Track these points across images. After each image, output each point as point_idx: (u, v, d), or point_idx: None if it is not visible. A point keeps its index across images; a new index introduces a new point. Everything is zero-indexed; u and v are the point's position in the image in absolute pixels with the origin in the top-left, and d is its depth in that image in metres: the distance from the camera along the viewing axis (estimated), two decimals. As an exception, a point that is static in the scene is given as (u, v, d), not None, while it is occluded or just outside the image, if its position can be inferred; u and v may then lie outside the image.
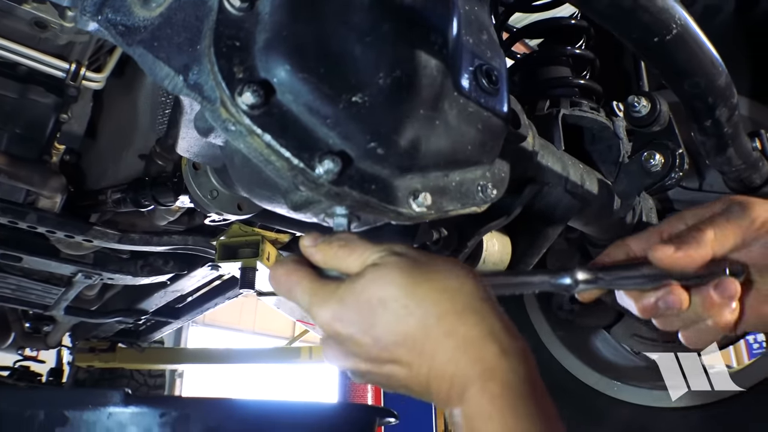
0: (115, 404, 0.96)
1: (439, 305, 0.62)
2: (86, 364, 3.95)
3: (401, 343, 0.62)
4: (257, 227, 2.37)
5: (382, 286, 0.63)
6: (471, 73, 0.83)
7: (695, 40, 0.80)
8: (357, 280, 0.65)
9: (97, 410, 0.95)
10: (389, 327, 0.62)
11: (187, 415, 0.98)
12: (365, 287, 0.64)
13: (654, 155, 1.27)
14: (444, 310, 0.62)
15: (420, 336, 0.61)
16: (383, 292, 0.63)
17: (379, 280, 0.63)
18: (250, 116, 0.63)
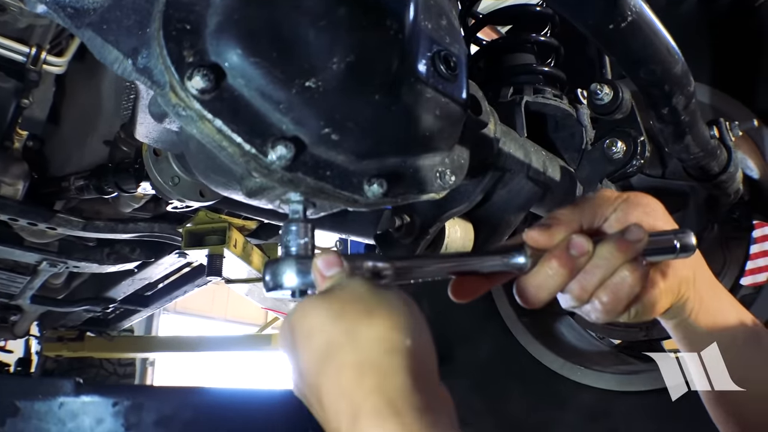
0: (67, 394, 0.95)
1: (341, 354, 0.59)
2: (55, 353, 3.91)
3: (312, 385, 0.62)
4: (224, 214, 2.36)
5: (311, 314, 0.63)
6: (429, 58, 0.83)
7: (650, 27, 0.81)
8: (308, 300, 0.65)
9: (48, 400, 0.93)
10: (305, 362, 0.62)
11: (141, 403, 0.97)
12: (304, 309, 0.64)
13: (616, 143, 1.28)
14: (345, 362, 0.59)
15: (328, 384, 0.59)
16: (312, 323, 0.62)
17: (311, 308, 0.63)
18: (200, 101, 0.62)
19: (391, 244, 1.20)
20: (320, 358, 0.60)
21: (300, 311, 0.64)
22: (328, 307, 0.62)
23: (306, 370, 0.62)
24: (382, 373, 0.57)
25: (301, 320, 0.63)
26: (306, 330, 0.62)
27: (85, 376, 4.08)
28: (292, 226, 0.74)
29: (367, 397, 0.56)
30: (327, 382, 0.59)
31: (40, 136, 1.91)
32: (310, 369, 0.61)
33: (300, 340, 0.62)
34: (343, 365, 0.58)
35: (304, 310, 0.63)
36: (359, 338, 0.59)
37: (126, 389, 2.46)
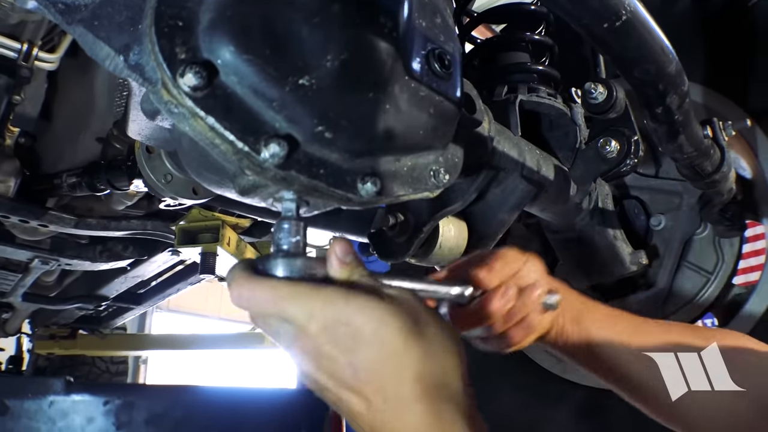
0: (57, 392, 0.94)
1: (426, 366, 0.63)
2: (46, 351, 3.89)
3: (373, 381, 0.62)
4: (217, 212, 2.35)
5: (382, 319, 0.62)
6: (423, 57, 0.83)
7: (645, 26, 0.81)
8: (355, 296, 0.64)
9: (38, 398, 0.92)
10: (370, 360, 0.62)
11: (132, 402, 0.96)
12: (364, 309, 0.63)
13: (610, 142, 1.28)
14: (428, 373, 0.62)
15: (393, 384, 0.62)
16: (381, 326, 0.62)
17: (378, 312, 0.63)
18: (192, 98, 0.62)
19: (384, 243, 1.20)
20: (400, 366, 0.62)
21: (372, 304, 0.63)
22: (406, 315, 0.64)
23: (372, 372, 0.62)
24: (458, 405, 0.63)
25: (373, 317, 0.63)
26: (382, 331, 0.62)
27: (77, 374, 4.06)
28: (285, 224, 0.73)
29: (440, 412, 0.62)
30: (405, 388, 0.62)
31: (31, 132, 1.90)
32: (380, 371, 0.62)
33: (368, 339, 0.62)
34: (426, 378, 0.62)
35: (378, 308, 0.63)
36: (439, 357, 0.64)
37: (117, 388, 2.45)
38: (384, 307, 0.63)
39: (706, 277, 1.68)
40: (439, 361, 0.64)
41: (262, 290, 0.65)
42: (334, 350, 0.63)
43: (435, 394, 0.62)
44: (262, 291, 0.65)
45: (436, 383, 0.63)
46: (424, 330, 0.64)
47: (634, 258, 1.54)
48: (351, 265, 0.68)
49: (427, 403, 0.61)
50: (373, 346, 0.62)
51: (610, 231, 1.50)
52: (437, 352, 0.64)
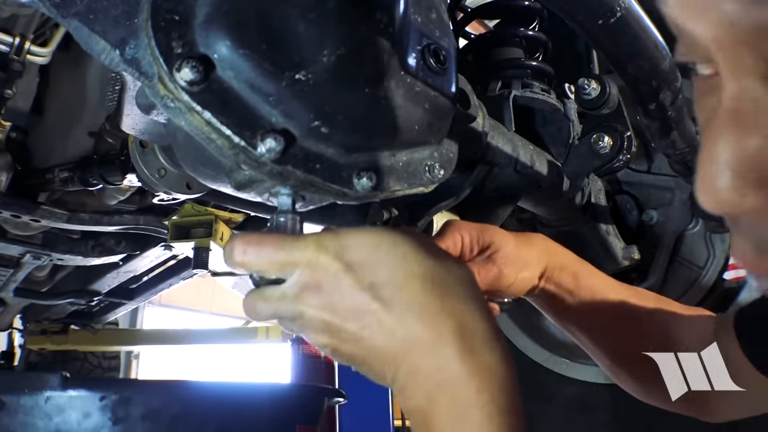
0: (53, 388, 0.94)
1: (450, 285, 0.64)
2: (38, 346, 3.87)
3: (397, 299, 0.62)
4: (210, 206, 2.34)
5: (395, 240, 0.64)
6: (418, 52, 0.83)
7: (639, 23, 0.81)
8: (361, 230, 0.66)
9: (34, 394, 0.92)
10: (392, 277, 0.62)
11: (128, 397, 0.96)
12: (377, 234, 0.65)
13: (603, 137, 1.29)
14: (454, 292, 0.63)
15: (422, 299, 0.62)
16: (396, 246, 0.64)
17: (394, 235, 0.65)
18: (189, 92, 0.62)
19: (379, 238, 1.20)
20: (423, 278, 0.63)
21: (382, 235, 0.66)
22: (417, 240, 0.65)
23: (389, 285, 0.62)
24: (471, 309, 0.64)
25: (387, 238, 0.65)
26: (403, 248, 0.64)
27: (69, 369, 4.05)
28: (281, 218, 0.74)
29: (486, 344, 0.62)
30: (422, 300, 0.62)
31: (23, 127, 1.89)
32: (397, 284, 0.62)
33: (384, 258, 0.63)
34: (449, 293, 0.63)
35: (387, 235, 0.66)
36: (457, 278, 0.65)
37: (113, 383, 2.44)
38: (394, 233, 0.66)
39: (697, 272, 1.69)
40: (462, 293, 0.64)
41: (271, 240, 0.66)
42: (350, 275, 0.62)
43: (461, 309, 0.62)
44: (271, 240, 0.66)
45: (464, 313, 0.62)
46: (441, 257, 0.65)
47: (626, 253, 1.55)
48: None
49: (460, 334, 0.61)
50: (392, 263, 0.63)
51: (603, 226, 1.51)
52: (457, 280, 0.65)
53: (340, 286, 0.63)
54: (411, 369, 0.60)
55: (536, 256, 0.94)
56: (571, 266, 0.97)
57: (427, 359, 0.60)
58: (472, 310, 0.63)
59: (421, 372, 0.60)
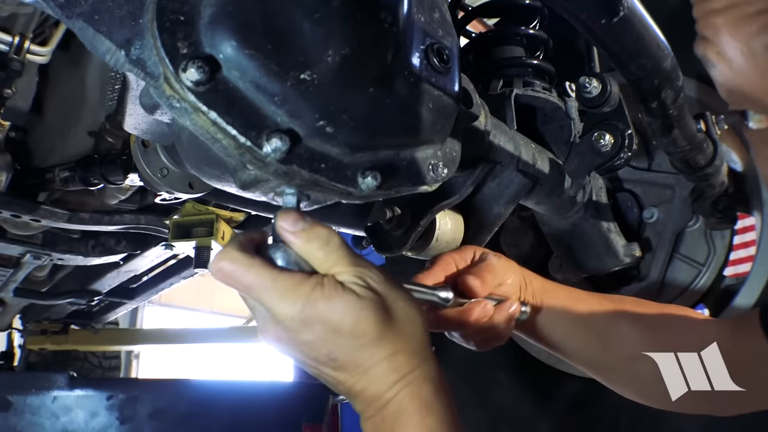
0: (60, 387, 0.94)
1: (397, 345, 0.72)
2: (38, 346, 3.86)
3: (350, 363, 0.70)
4: (211, 206, 2.34)
5: (357, 317, 0.69)
6: (422, 51, 0.83)
7: (642, 22, 0.81)
8: (335, 295, 0.69)
9: (42, 394, 0.92)
10: (348, 349, 0.70)
11: (135, 396, 0.97)
12: (344, 308, 0.69)
13: (604, 135, 1.29)
14: (399, 350, 0.72)
15: (370, 364, 0.70)
16: (357, 324, 0.69)
17: (356, 311, 0.69)
18: (194, 93, 0.62)
19: (382, 236, 1.20)
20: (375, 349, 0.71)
21: (346, 303, 0.69)
22: (374, 312, 0.70)
23: (350, 358, 0.70)
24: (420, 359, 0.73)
25: (349, 315, 0.69)
26: (357, 328, 0.69)
27: (69, 369, 4.04)
28: None
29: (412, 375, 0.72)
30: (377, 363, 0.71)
31: (23, 126, 1.89)
32: (356, 356, 0.70)
33: (345, 334, 0.69)
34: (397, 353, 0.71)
35: (352, 307, 0.69)
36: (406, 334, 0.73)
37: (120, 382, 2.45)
38: (360, 304, 0.70)
39: (697, 268, 1.70)
40: (408, 336, 0.73)
41: (249, 274, 0.68)
42: (312, 341, 0.69)
43: (406, 363, 0.71)
44: (249, 275, 0.68)
45: (406, 354, 0.72)
46: (395, 314, 0.72)
47: (627, 250, 1.55)
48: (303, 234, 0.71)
49: (400, 372, 0.71)
50: (351, 339, 0.69)
51: (604, 223, 1.51)
52: (406, 329, 0.73)
53: (299, 342, 0.70)
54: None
55: (515, 266, 1.05)
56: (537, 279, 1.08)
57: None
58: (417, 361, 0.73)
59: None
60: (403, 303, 0.74)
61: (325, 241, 0.71)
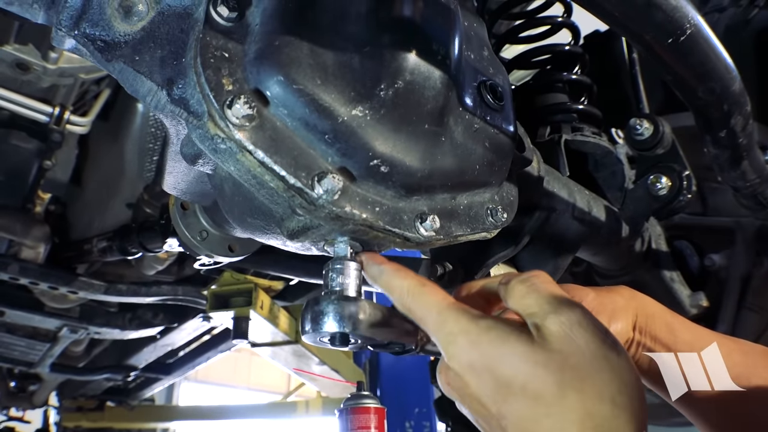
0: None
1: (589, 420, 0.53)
2: (74, 424, 3.82)
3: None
4: (250, 275, 2.30)
5: (533, 374, 0.55)
6: (475, 88, 0.78)
7: (708, 41, 0.76)
8: (508, 340, 0.57)
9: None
10: (521, 416, 0.55)
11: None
12: (514, 360, 0.56)
13: (660, 178, 1.23)
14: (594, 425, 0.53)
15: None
16: (533, 379, 0.55)
17: (532, 366, 0.55)
18: (240, 129, 0.57)
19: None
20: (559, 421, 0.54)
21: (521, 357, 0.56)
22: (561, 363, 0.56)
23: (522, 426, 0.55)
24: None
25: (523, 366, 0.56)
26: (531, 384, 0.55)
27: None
28: (338, 265, 0.68)
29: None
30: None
31: (62, 199, 1.89)
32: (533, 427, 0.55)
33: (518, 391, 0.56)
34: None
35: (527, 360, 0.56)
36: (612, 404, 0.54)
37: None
38: (537, 353, 0.56)
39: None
40: (609, 410, 0.54)
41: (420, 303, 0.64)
42: (481, 396, 0.58)
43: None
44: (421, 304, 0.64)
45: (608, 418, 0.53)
46: (590, 371, 0.55)
47: (693, 300, 1.45)
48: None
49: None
50: (524, 400, 0.55)
51: (667, 273, 1.42)
52: (606, 398, 0.54)
53: (468, 396, 0.60)
54: None
55: (623, 304, 0.84)
56: (663, 316, 0.85)
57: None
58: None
59: None
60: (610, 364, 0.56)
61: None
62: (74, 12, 0.61)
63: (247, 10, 0.64)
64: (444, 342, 0.60)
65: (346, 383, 3.49)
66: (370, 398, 1.67)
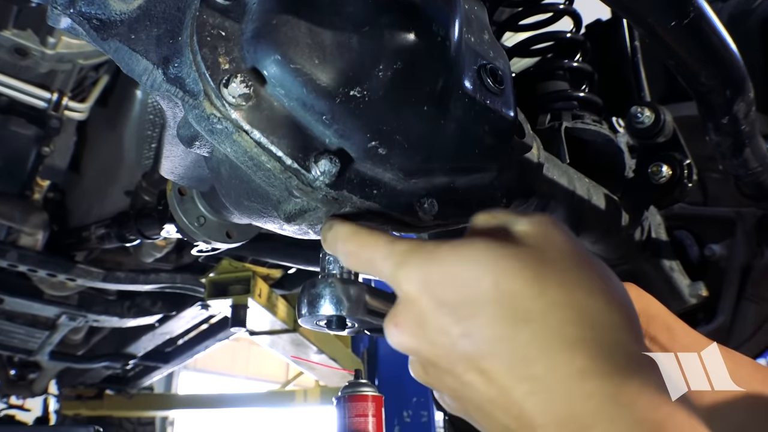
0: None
1: (578, 329, 0.43)
2: (73, 412, 3.83)
3: (500, 355, 0.44)
4: (248, 263, 2.30)
5: (503, 269, 0.45)
6: (475, 71, 0.77)
7: (711, 25, 0.75)
8: (470, 243, 0.48)
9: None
10: (493, 326, 0.45)
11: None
12: (480, 259, 0.46)
13: (661, 167, 1.22)
14: (582, 341, 0.43)
15: (534, 357, 0.43)
16: (503, 277, 0.45)
17: (501, 260, 0.46)
18: (237, 109, 0.57)
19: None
20: (540, 332, 0.43)
21: (486, 253, 0.47)
22: (537, 257, 0.47)
23: (498, 341, 0.44)
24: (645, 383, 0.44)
25: (491, 269, 0.46)
26: (505, 285, 0.45)
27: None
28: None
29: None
30: (554, 363, 0.43)
31: (60, 186, 1.89)
32: (511, 338, 0.44)
33: (488, 298, 0.45)
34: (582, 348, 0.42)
35: (495, 256, 0.47)
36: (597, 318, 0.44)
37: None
38: (507, 248, 0.47)
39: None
40: (604, 323, 0.44)
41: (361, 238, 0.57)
42: (442, 318, 0.47)
43: (601, 356, 0.42)
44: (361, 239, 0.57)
45: (599, 340, 0.43)
46: (571, 265, 0.47)
47: (692, 290, 1.44)
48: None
49: (595, 373, 0.42)
50: (495, 305, 0.45)
51: (666, 262, 1.41)
52: (596, 293, 0.45)
53: (428, 327, 0.49)
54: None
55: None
56: (665, 318, 0.81)
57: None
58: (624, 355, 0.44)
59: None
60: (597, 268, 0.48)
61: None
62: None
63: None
64: (393, 268, 0.51)
65: (344, 371, 3.50)
66: (368, 386, 1.67)
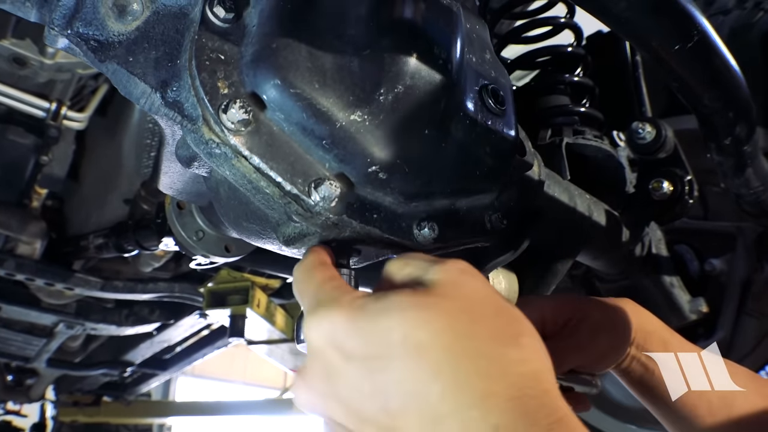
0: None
1: (489, 382, 0.43)
2: (70, 418, 3.81)
3: (411, 413, 0.43)
4: (247, 272, 2.29)
5: (412, 320, 0.45)
6: (476, 92, 0.77)
7: (715, 48, 0.75)
8: (381, 295, 0.48)
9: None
10: (403, 382, 0.44)
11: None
12: (390, 311, 0.46)
13: (662, 183, 1.22)
14: (494, 396, 0.42)
15: (445, 414, 0.42)
16: (415, 330, 0.44)
17: (410, 311, 0.45)
18: (236, 135, 0.56)
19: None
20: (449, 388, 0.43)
21: (396, 305, 0.46)
22: (447, 310, 0.46)
23: (408, 398, 0.43)
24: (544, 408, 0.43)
25: (401, 322, 0.45)
26: (414, 338, 0.44)
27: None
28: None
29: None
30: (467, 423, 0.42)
31: (59, 195, 1.88)
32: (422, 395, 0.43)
33: (398, 353, 0.44)
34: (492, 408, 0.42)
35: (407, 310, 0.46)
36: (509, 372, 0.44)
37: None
38: (418, 298, 0.46)
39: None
40: (516, 354, 0.45)
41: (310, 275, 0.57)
42: (351, 372, 0.46)
43: (513, 411, 0.42)
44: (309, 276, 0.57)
45: (511, 395, 0.43)
46: (483, 314, 0.46)
47: (693, 306, 1.44)
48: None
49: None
50: (405, 359, 0.44)
51: (666, 278, 1.41)
52: (508, 341, 0.45)
53: (336, 379, 0.47)
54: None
55: (626, 319, 0.82)
56: (661, 334, 0.85)
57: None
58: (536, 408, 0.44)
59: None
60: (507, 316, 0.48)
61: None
62: (67, 11, 0.59)
63: (244, 11, 0.62)
64: (306, 313, 0.51)
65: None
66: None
